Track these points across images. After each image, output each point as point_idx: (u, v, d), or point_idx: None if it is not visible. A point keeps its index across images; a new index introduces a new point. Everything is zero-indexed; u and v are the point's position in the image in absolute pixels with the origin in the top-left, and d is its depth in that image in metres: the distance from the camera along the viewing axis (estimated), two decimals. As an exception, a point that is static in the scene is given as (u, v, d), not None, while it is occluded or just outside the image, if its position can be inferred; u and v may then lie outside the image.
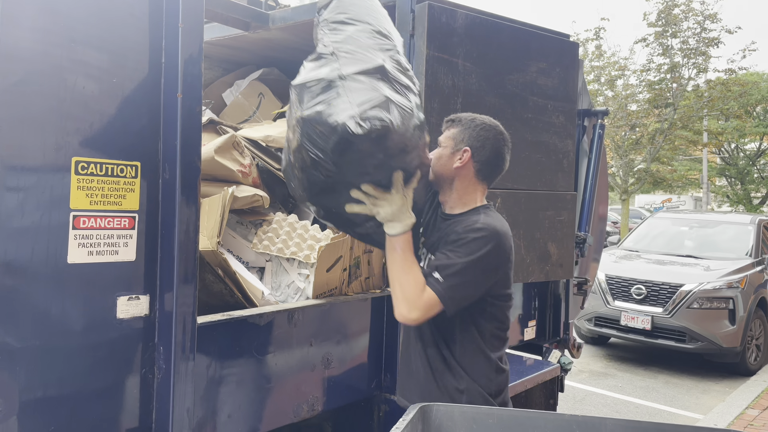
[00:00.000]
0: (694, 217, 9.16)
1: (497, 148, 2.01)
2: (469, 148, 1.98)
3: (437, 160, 2.03)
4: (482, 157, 1.99)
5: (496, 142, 2.01)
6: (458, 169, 1.99)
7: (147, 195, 1.86)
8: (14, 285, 1.60)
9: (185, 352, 1.89)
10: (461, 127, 2.02)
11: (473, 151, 1.98)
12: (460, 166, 1.98)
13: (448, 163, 2.00)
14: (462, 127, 2.02)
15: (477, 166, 1.99)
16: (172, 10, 1.86)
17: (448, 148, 2.01)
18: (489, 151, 2.00)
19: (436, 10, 2.63)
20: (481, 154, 1.99)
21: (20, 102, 1.60)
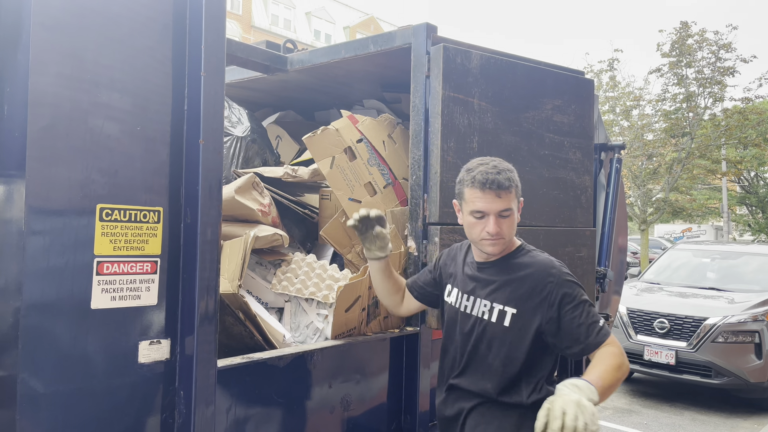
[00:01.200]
0: (716, 248, 9.02)
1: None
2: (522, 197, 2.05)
3: (513, 227, 2.01)
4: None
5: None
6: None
7: (169, 239, 1.88)
8: (39, 330, 1.62)
9: (206, 397, 1.89)
10: (516, 182, 1.99)
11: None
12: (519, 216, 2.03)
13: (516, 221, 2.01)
14: (516, 181, 1.99)
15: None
16: (194, 59, 1.91)
17: (516, 209, 2.00)
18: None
19: (451, 52, 2.67)
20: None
21: (48, 149, 1.64)
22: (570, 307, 1.90)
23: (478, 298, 2.05)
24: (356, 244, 2.84)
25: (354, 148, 2.81)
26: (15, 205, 1.64)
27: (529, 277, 1.96)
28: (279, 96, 3.98)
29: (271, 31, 30.57)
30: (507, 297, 1.97)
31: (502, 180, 1.92)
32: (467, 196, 1.98)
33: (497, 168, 1.95)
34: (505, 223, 1.95)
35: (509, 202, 1.94)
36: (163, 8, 1.87)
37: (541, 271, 1.96)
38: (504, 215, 1.94)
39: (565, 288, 1.92)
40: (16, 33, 1.67)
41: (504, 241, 1.98)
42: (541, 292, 1.93)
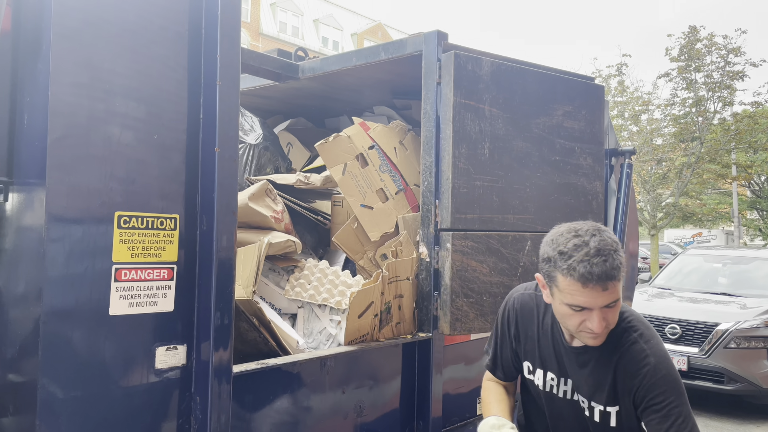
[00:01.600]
0: (727, 253, 8.96)
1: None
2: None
3: (618, 312, 1.65)
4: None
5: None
6: None
7: (185, 246, 1.91)
8: (59, 336, 1.64)
9: (221, 402, 1.91)
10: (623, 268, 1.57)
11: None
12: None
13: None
14: (623, 266, 1.57)
15: None
16: (210, 68, 1.93)
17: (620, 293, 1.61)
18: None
19: (462, 59, 2.68)
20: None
21: (67, 157, 1.66)
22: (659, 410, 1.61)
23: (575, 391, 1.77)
24: (368, 250, 2.86)
25: (366, 154, 2.82)
26: (35, 213, 1.67)
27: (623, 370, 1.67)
28: (290, 103, 4.01)
29: (279, 38, 30.73)
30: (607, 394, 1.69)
31: (610, 271, 1.51)
32: (562, 285, 1.58)
33: (601, 253, 1.53)
34: (611, 313, 1.60)
35: (618, 291, 1.56)
36: (178, 18, 1.90)
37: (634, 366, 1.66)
38: (611, 306, 1.58)
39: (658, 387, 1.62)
40: (36, 43, 1.70)
41: (607, 331, 1.64)
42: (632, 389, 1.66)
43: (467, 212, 2.69)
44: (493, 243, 2.75)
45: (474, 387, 3.06)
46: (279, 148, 3.40)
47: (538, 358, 1.83)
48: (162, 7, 1.86)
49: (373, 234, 2.81)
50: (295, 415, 2.23)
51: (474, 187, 2.70)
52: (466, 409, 2.99)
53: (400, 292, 2.65)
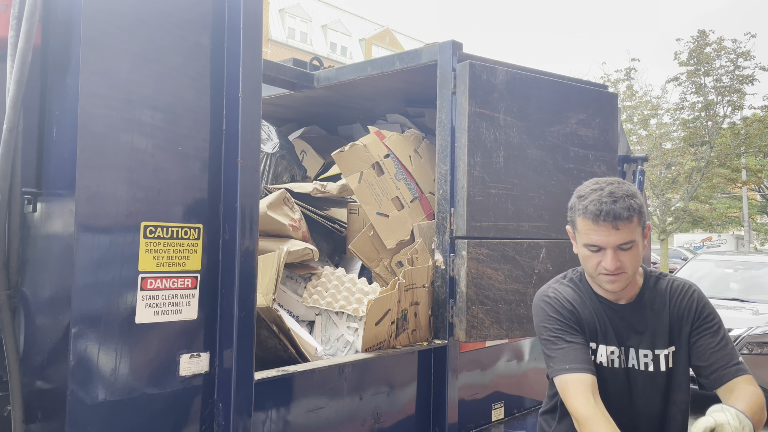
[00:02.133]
0: (738, 258, 8.92)
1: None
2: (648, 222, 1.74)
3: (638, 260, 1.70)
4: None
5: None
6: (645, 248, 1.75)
7: (208, 255, 1.94)
8: (88, 344, 1.68)
9: (244, 409, 1.94)
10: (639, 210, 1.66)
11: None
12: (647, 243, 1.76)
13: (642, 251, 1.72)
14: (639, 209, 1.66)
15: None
16: (232, 81, 1.97)
17: (640, 238, 1.69)
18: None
19: (476, 68, 2.71)
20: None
21: (96, 168, 1.70)
22: (710, 327, 1.72)
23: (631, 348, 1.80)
24: (384, 258, 2.88)
25: (381, 163, 2.85)
26: (65, 223, 1.71)
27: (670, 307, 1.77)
28: (304, 111, 4.05)
29: (288, 44, 30.88)
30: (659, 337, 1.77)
31: (618, 210, 1.62)
32: (580, 227, 1.70)
33: (613, 195, 1.64)
34: (626, 256, 1.66)
35: (630, 233, 1.64)
36: (203, 34, 1.94)
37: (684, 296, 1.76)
38: (624, 248, 1.65)
39: (707, 308, 1.74)
40: (65, 58, 1.74)
41: (627, 276, 1.70)
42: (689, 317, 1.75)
43: (482, 220, 2.71)
44: (508, 250, 2.77)
45: (489, 393, 3.08)
46: (295, 156, 3.44)
47: (599, 334, 1.81)
48: (187, 27, 1.90)
49: (389, 242, 2.84)
50: (315, 422, 2.25)
51: (489, 195, 2.73)
52: (482, 415, 3.01)
53: (416, 299, 2.67)
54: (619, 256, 1.66)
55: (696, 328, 1.75)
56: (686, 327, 1.76)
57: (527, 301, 2.82)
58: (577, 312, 1.82)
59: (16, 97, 1.66)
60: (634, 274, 1.73)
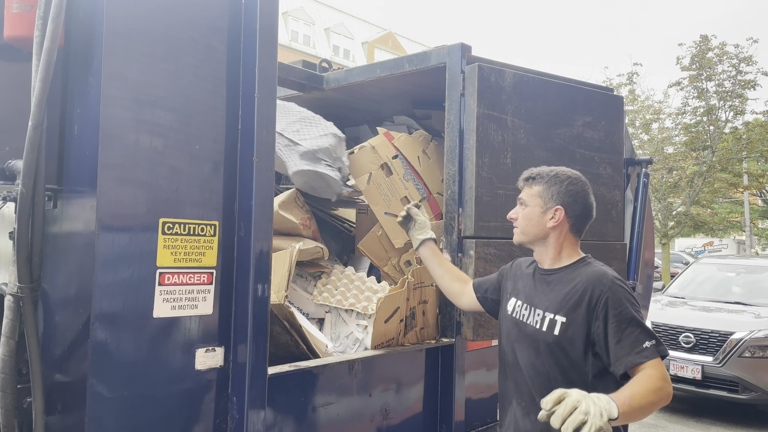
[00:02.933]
0: (740, 262, 8.95)
1: (587, 200, 2.01)
2: (561, 206, 1.98)
3: (527, 220, 2.02)
4: (575, 212, 1.99)
5: (585, 194, 2.01)
6: (552, 228, 1.99)
7: (224, 252, 1.98)
8: (107, 338, 1.72)
9: (257, 403, 1.97)
10: (545, 184, 2.00)
11: (565, 208, 1.98)
12: (555, 225, 1.98)
13: (540, 222, 2.00)
14: (546, 184, 2.00)
15: (571, 221, 1.99)
16: (248, 81, 2.01)
17: (537, 207, 2.00)
18: (581, 205, 2.00)
19: (485, 71, 2.75)
20: (574, 209, 1.99)
21: (117, 167, 1.74)
22: (615, 321, 1.83)
23: (533, 307, 2.02)
24: (392, 257, 2.92)
25: (390, 164, 2.89)
26: (86, 219, 1.75)
27: (581, 285, 1.91)
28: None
29: (291, 47, 30.98)
30: (559, 305, 1.93)
31: (525, 175, 2.07)
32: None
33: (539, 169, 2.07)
34: (520, 212, 2.06)
35: (527, 195, 2.04)
36: (221, 37, 1.98)
37: (593, 280, 1.90)
38: (521, 203, 2.06)
39: (614, 300, 1.85)
40: (87, 58, 1.79)
41: (517, 230, 2.07)
42: (590, 302, 1.88)
43: (490, 220, 2.75)
44: (515, 250, 2.81)
45: (495, 392, 3.10)
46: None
47: (514, 290, 2.14)
48: (210, 27, 1.95)
49: (398, 241, 2.87)
50: (325, 417, 2.29)
51: (497, 195, 2.77)
52: (488, 413, 3.04)
53: (425, 298, 2.71)
54: (518, 211, 2.07)
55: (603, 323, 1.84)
56: (581, 309, 1.88)
57: (533, 300, 2.85)
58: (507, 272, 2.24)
59: (41, 96, 1.70)
60: (523, 233, 2.05)
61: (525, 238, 2.06)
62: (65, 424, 1.82)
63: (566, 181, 1.99)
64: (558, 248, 2.02)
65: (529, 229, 2.03)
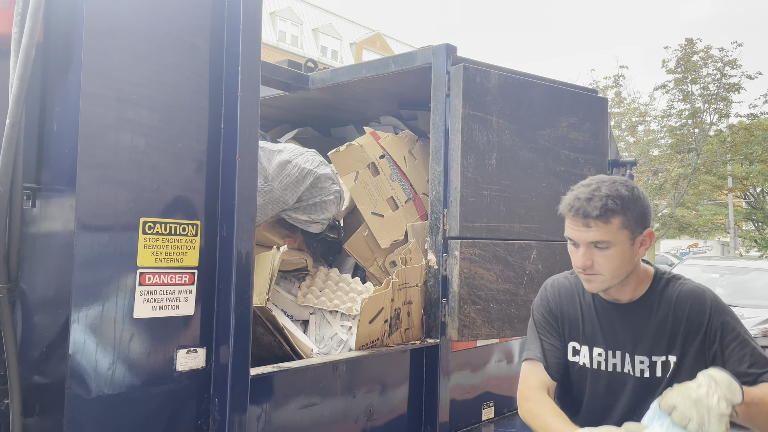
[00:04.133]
0: (724, 264, 9.05)
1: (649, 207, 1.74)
2: (650, 227, 1.70)
3: (620, 261, 1.65)
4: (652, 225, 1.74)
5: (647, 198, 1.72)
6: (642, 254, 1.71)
7: (206, 252, 1.96)
8: (86, 339, 1.69)
9: (239, 404, 1.95)
10: (623, 212, 1.63)
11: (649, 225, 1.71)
12: (645, 250, 1.70)
13: (632, 257, 1.68)
14: (623, 210, 1.63)
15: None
16: (231, 80, 2.00)
17: (626, 241, 1.65)
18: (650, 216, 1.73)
19: (470, 71, 2.76)
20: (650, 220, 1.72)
21: (96, 166, 1.72)
22: (732, 338, 1.65)
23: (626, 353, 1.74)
24: (378, 258, 2.92)
25: (377, 163, 2.89)
26: (65, 219, 1.73)
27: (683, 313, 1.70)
28: (298, 113, 4.07)
29: (279, 47, 30.89)
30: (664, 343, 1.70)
31: (589, 208, 1.61)
32: (565, 219, 1.72)
33: (592, 193, 1.64)
34: (601, 256, 1.64)
35: (605, 233, 1.62)
36: (203, 36, 1.97)
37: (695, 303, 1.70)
38: (600, 247, 1.64)
39: (725, 317, 1.67)
40: (67, 55, 1.76)
41: (603, 278, 1.67)
42: (700, 327, 1.68)
43: (475, 221, 2.75)
44: (499, 251, 2.81)
45: (479, 393, 3.11)
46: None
47: (582, 335, 1.81)
48: (194, 26, 1.93)
49: (384, 241, 2.87)
50: (309, 418, 2.27)
51: (482, 196, 2.77)
52: (472, 414, 3.04)
53: (409, 298, 2.71)
54: (592, 254, 1.65)
55: (719, 344, 1.66)
56: (696, 337, 1.68)
57: (518, 301, 2.86)
58: (561, 313, 1.86)
59: (19, 93, 1.68)
60: (614, 277, 1.68)
61: (616, 281, 1.69)
62: (43, 427, 1.79)
63: (638, 198, 1.66)
64: (639, 274, 1.74)
65: (621, 272, 1.67)
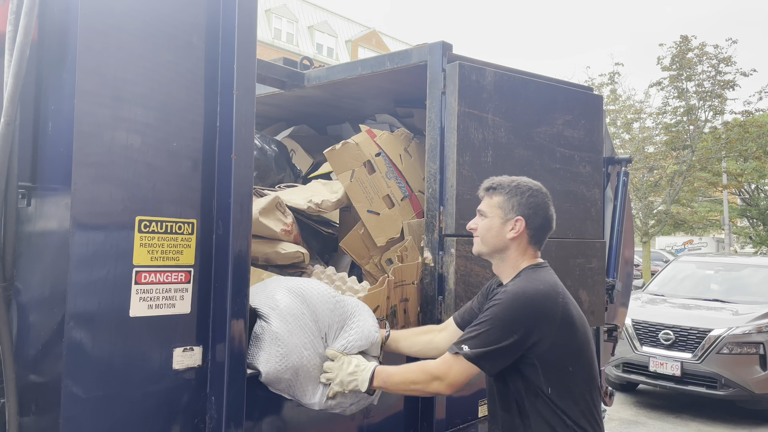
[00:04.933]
0: (719, 260, 9.09)
1: (547, 212, 2.04)
2: (522, 217, 2.00)
3: (487, 231, 2.04)
4: (535, 224, 2.01)
5: (545, 206, 2.03)
6: (512, 239, 2.01)
7: (202, 250, 1.96)
8: (82, 338, 1.69)
9: (236, 402, 1.96)
10: (506, 195, 2.02)
11: (526, 219, 2.00)
12: (515, 236, 2.00)
13: (501, 233, 2.01)
14: (507, 194, 2.02)
15: (530, 233, 2.01)
16: (227, 78, 1.99)
17: (497, 218, 2.02)
18: (541, 217, 2.02)
19: (466, 69, 2.76)
20: (534, 221, 2.01)
21: (92, 164, 1.72)
22: (479, 318, 1.96)
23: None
24: (374, 256, 2.92)
25: (373, 161, 2.89)
26: (60, 217, 1.72)
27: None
28: (293, 110, 4.07)
29: (274, 44, 30.83)
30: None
31: (485, 185, 2.10)
32: None
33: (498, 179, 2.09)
34: (480, 222, 2.07)
35: (487, 205, 2.06)
36: (198, 33, 1.96)
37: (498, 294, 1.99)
38: (481, 214, 2.08)
39: (495, 305, 1.92)
40: (62, 53, 1.76)
41: (477, 240, 2.09)
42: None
43: (471, 218, 2.75)
44: (495, 248, 2.82)
45: (476, 390, 3.12)
46: (286, 155, 3.46)
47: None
48: (189, 24, 1.93)
49: (380, 239, 2.87)
50: (305, 416, 2.28)
51: (478, 194, 2.77)
52: (468, 411, 3.05)
53: (406, 296, 2.71)
54: (478, 220, 2.09)
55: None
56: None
57: (514, 298, 2.86)
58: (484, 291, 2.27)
59: (13, 92, 1.67)
60: (483, 243, 2.06)
61: (485, 249, 2.07)
62: (39, 425, 1.79)
63: (527, 193, 2.01)
64: (516, 261, 2.03)
65: (489, 240, 2.04)
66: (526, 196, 2.00)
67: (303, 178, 3.66)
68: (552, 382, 1.89)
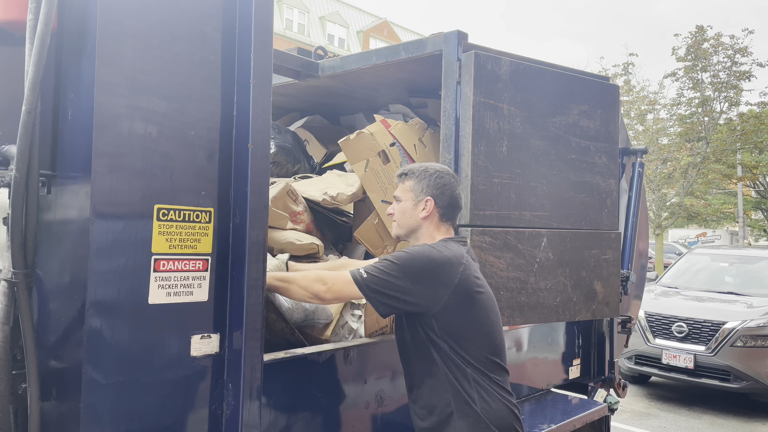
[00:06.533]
0: (733, 252, 9.01)
1: (454, 191, 2.20)
2: (431, 197, 2.16)
3: (402, 213, 2.21)
4: (444, 203, 2.18)
5: (452, 186, 2.19)
6: (424, 218, 2.17)
7: (219, 239, 1.97)
8: (102, 325, 1.71)
9: (253, 389, 1.97)
10: (416, 179, 2.18)
11: (435, 199, 2.17)
12: (426, 215, 2.16)
13: (414, 214, 2.18)
14: (416, 178, 2.19)
15: (441, 211, 2.18)
16: (243, 67, 2.00)
17: (409, 201, 2.19)
18: (449, 196, 2.18)
19: (482, 58, 2.75)
20: (443, 200, 2.18)
21: (111, 153, 1.73)
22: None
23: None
24: (388, 245, 2.92)
25: (387, 151, 2.89)
26: (80, 206, 1.74)
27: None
28: (307, 100, 4.08)
29: (286, 35, 30.78)
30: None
31: (399, 172, 2.26)
32: None
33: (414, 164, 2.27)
34: (396, 207, 2.23)
35: (400, 190, 2.22)
36: (215, 25, 1.97)
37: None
38: (396, 199, 2.23)
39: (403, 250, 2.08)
40: (81, 42, 1.77)
41: (396, 224, 2.24)
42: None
43: (485, 209, 2.75)
44: (510, 239, 2.82)
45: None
46: (300, 148, 3.47)
47: None
48: (205, 14, 1.93)
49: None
50: (320, 404, 2.30)
51: (492, 184, 2.77)
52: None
53: (420, 286, 2.71)
54: (395, 205, 2.24)
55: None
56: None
57: (528, 289, 2.86)
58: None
59: (34, 80, 1.69)
60: (400, 226, 2.22)
61: (401, 231, 2.23)
62: (60, 411, 1.82)
63: (435, 175, 2.18)
64: (430, 237, 2.18)
65: (404, 222, 2.20)
66: (434, 178, 2.17)
67: (317, 168, 3.66)
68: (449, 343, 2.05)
